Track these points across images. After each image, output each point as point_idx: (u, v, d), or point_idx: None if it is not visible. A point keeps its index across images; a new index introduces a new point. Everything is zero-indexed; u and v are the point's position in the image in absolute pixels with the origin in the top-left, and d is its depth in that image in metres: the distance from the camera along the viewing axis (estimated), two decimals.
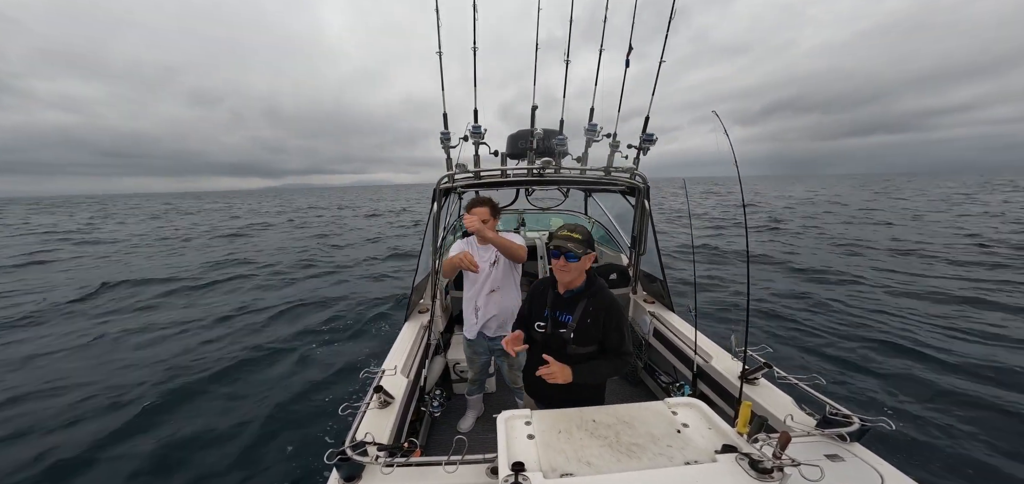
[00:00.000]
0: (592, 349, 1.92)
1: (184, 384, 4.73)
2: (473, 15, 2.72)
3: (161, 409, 4.27)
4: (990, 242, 11.98)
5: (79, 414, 4.15)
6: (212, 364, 5.23)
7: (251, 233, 20.21)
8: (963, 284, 8.02)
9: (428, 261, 3.41)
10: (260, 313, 7.38)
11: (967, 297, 7.20)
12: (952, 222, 16.86)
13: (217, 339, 6.20)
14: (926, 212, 21.09)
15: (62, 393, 4.54)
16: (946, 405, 4.08)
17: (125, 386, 4.68)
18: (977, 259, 10.08)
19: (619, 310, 1.95)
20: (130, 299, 8.47)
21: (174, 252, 14.83)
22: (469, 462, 1.50)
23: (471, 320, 2.76)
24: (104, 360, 5.47)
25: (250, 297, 8.51)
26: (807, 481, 1.26)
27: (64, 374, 5.02)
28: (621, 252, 4.38)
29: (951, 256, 10.48)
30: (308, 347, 5.85)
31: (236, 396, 4.54)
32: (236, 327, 6.71)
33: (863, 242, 12.90)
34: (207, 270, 11.23)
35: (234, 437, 3.83)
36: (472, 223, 2.42)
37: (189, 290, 9.19)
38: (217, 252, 14.48)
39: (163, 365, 5.23)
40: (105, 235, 20.70)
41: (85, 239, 19.25)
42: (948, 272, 8.98)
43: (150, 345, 5.98)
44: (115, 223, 27.88)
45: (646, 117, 2.97)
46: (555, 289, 1.99)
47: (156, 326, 6.80)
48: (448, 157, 3.01)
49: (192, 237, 19.03)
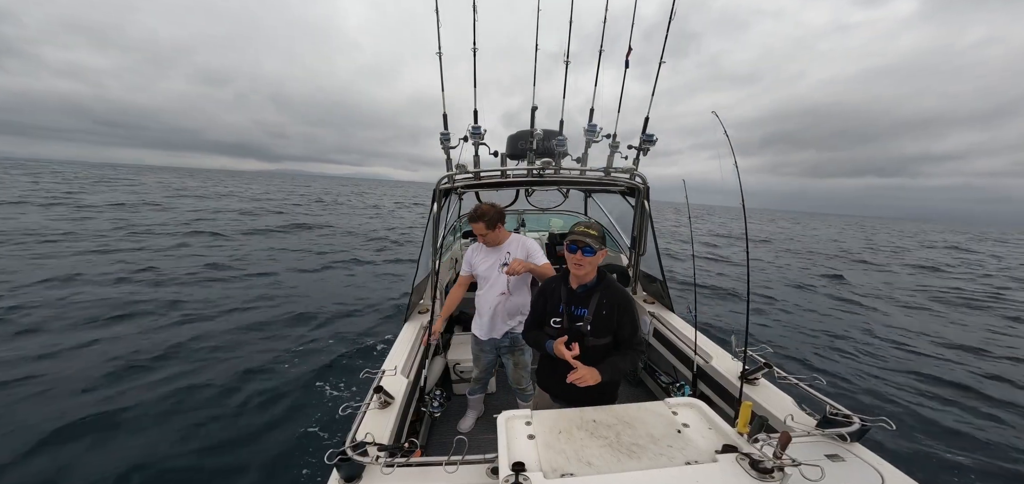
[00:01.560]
0: (608, 340, 1.97)
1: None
2: (473, 16, 2.73)
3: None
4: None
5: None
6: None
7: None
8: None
9: (428, 261, 3.41)
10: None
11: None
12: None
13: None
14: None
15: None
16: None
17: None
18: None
19: (631, 301, 2.01)
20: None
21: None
22: (469, 462, 1.50)
23: (482, 320, 2.76)
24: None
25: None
26: (807, 481, 1.26)
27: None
28: (621, 252, 4.38)
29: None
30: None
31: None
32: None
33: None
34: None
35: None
36: (516, 268, 2.44)
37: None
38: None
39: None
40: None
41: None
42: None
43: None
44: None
45: (646, 117, 2.97)
46: (567, 285, 2.05)
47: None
48: (448, 157, 3.01)
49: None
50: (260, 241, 14.13)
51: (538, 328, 2.16)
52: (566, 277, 2.07)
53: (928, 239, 44.20)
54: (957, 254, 26.87)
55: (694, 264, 3.05)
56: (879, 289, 12.60)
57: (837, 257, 20.53)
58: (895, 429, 1.56)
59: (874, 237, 40.16)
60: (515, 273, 2.45)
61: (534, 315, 2.23)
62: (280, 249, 12.92)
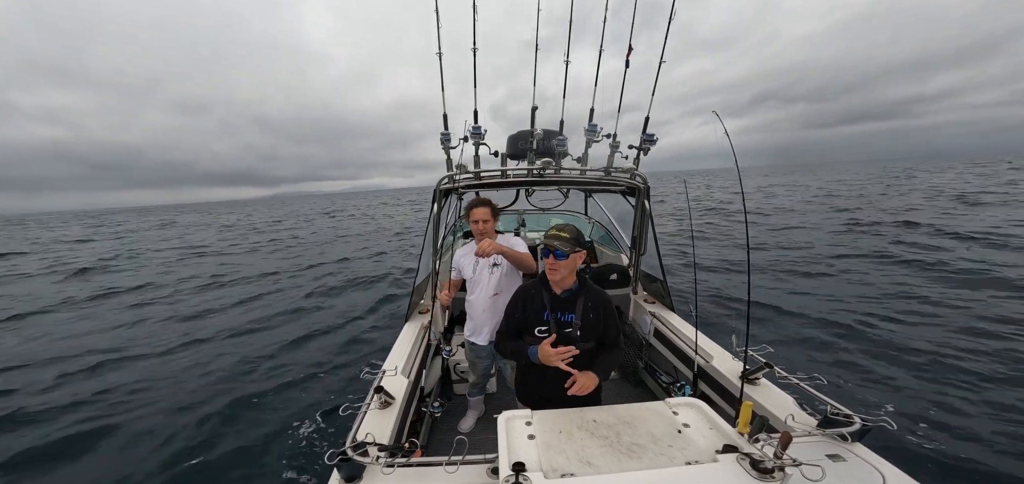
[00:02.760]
0: (593, 344, 1.96)
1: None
2: (473, 16, 2.73)
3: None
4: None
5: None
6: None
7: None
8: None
9: (428, 262, 3.41)
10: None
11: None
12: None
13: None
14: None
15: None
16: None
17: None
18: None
19: (611, 301, 2.01)
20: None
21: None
22: (470, 462, 1.50)
23: (475, 324, 2.75)
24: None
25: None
26: (808, 481, 1.26)
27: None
28: (621, 252, 4.38)
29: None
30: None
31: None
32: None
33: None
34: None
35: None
36: (486, 248, 2.32)
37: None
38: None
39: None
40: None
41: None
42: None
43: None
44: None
45: (646, 117, 2.97)
46: (549, 291, 1.98)
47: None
48: (448, 158, 3.01)
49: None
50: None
51: (516, 338, 2.04)
52: (545, 283, 1.98)
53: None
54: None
55: (694, 264, 3.05)
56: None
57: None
58: (895, 429, 1.56)
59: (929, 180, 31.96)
60: (486, 254, 2.32)
61: (509, 324, 2.09)
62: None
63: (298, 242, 19.08)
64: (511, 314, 2.08)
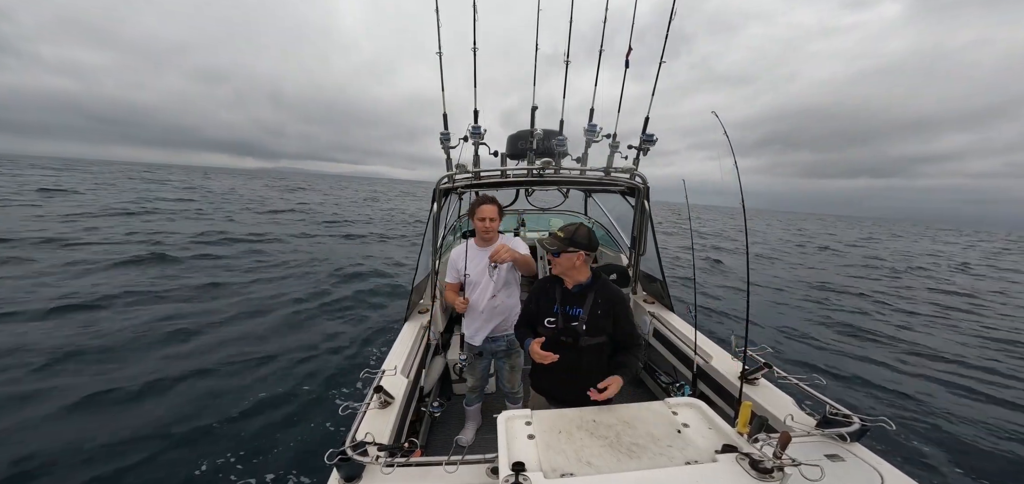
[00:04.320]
0: (602, 339, 1.98)
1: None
2: (473, 16, 2.73)
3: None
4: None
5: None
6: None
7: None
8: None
9: (428, 261, 3.41)
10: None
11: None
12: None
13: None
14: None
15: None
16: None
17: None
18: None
19: (625, 301, 2.04)
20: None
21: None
22: (469, 462, 1.50)
23: (474, 326, 2.71)
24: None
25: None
26: (807, 481, 1.26)
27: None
28: (621, 252, 4.38)
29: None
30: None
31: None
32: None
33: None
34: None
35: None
36: (503, 256, 2.37)
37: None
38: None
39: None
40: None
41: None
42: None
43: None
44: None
45: (646, 117, 2.97)
46: (562, 286, 2.07)
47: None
48: (448, 157, 3.01)
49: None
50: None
51: (527, 327, 2.17)
52: (561, 279, 2.10)
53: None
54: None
55: (694, 264, 3.06)
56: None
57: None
58: (895, 429, 1.56)
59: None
60: (502, 260, 2.39)
61: (525, 315, 2.24)
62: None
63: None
64: (528, 307, 2.22)
